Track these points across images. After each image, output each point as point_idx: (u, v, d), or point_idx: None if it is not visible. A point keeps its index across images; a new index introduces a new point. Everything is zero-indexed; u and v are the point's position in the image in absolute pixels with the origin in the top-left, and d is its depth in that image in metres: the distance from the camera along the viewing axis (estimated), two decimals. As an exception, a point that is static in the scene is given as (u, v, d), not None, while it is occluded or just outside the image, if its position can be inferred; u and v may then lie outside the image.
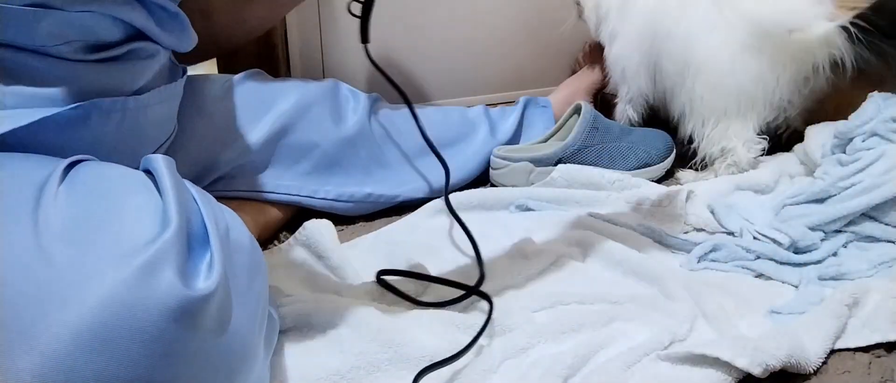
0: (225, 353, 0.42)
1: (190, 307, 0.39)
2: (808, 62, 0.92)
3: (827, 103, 0.99)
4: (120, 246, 0.40)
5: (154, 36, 0.62)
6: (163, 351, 0.38)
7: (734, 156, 0.95)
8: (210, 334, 0.41)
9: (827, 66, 0.90)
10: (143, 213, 0.43)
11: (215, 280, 0.42)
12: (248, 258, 0.48)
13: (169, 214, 0.43)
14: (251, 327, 0.45)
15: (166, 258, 0.40)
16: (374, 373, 0.56)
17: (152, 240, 0.41)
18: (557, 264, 0.75)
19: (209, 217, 0.46)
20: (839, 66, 0.89)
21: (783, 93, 0.94)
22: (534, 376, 0.56)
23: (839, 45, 0.89)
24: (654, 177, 1.00)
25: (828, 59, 0.90)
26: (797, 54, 0.92)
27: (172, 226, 0.42)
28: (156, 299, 0.39)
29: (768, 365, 0.54)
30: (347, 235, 0.84)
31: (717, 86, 0.93)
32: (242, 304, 0.45)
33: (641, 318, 0.64)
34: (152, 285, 0.39)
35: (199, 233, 0.45)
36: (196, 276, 0.42)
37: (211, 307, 0.41)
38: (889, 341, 0.60)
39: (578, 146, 0.96)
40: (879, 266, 0.71)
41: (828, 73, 0.91)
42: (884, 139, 0.83)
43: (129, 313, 0.38)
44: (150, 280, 0.39)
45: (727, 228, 0.81)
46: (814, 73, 0.92)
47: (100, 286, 0.38)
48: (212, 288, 0.41)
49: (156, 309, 0.38)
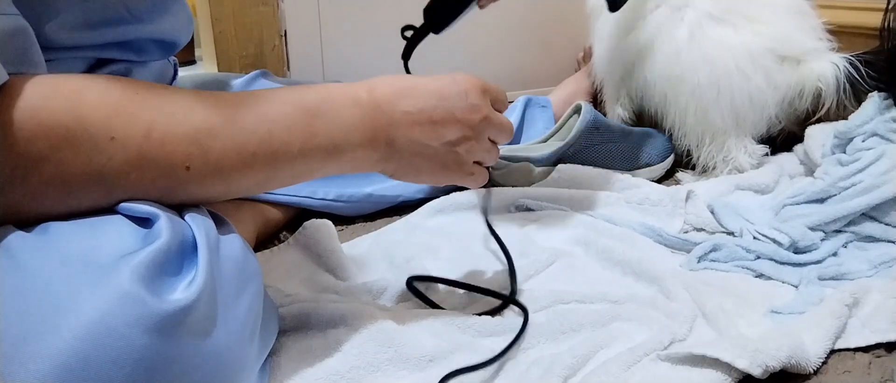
0: (212, 365, 0.41)
1: (169, 320, 0.38)
2: (796, 89, 0.96)
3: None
4: (95, 265, 0.38)
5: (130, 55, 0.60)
6: (147, 372, 0.37)
7: (735, 163, 0.95)
8: (191, 348, 0.39)
9: (811, 97, 0.96)
10: (120, 234, 0.42)
11: (195, 291, 0.40)
12: (238, 269, 0.46)
13: (156, 231, 0.42)
14: (240, 339, 0.44)
15: (138, 275, 0.38)
16: (374, 373, 0.56)
17: (126, 256, 0.39)
18: (557, 264, 0.75)
19: (200, 231, 0.44)
20: (821, 97, 0.95)
21: (773, 111, 0.97)
22: (533, 376, 0.56)
23: (828, 80, 0.94)
24: (654, 177, 1.00)
25: (814, 91, 0.95)
26: (786, 81, 0.95)
27: (161, 239, 0.41)
28: (135, 319, 0.37)
29: (769, 366, 0.54)
30: (347, 235, 0.84)
31: (709, 104, 0.94)
32: (231, 316, 0.43)
33: (641, 318, 0.64)
34: (125, 306, 0.37)
35: (190, 246, 0.43)
36: (172, 290, 0.40)
37: (190, 320, 0.39)
38: (889, 341, 0.60)
39: (578, 146, 0.96)
40: (879, 266, 0.71)
41: (811, 102, 0.96)
42: (884, 139, 0.83)
43: (109, 340, 0.36)
44: (122, 301, 0.37)
45: (727, 228, 0.81)
46: (799, 98, 0.96)
47: (78, 314, 0.36)
48: (190, 300, 0.39)
49: (136, 330, 0.37)
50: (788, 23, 0.96)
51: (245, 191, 0.50)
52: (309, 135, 0.50)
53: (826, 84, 0.94)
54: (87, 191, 0.43)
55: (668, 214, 0.85)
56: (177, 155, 0.45)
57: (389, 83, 0.55)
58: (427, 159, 0.55)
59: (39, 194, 0.42)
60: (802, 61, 0.95)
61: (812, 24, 0.97)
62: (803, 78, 0.95)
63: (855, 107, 0.92)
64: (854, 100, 0.92)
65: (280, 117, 0.49)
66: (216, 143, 0.46)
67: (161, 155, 0.44)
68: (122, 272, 0.38)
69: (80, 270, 0.38)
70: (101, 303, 0.37)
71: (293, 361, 0.57)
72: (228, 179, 0.47)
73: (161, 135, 0.44)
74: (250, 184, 0.49)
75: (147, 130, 0.44)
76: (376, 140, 0.53)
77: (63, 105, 0.42)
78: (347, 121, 0.52)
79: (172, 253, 0.42)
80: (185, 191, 0.47)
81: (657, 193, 0.87)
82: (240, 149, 0.47)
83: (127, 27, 0.59)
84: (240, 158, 0.48)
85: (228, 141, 0.47)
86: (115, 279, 0.38)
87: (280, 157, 0.49)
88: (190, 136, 0.45)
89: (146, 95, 0.45)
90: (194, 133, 0.45)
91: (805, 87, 0.95)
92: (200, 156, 0.46)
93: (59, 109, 0.41)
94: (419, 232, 0.84)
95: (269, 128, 0.49)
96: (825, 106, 0.95)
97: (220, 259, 0.45)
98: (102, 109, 0.42)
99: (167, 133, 0.44)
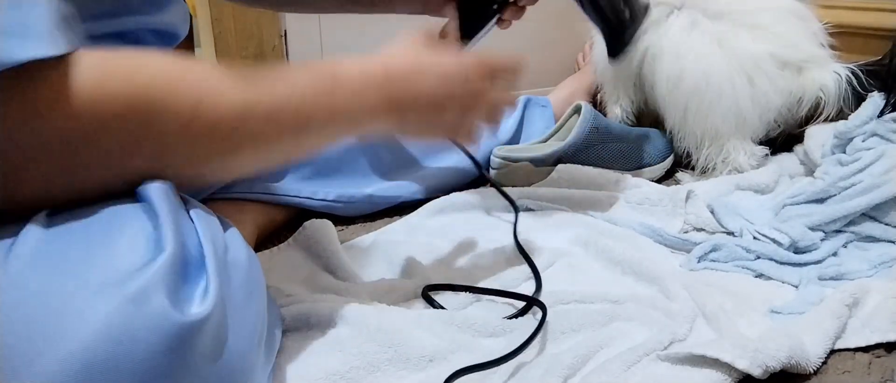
0: (223, 376, 0.41)
1: (184, 334, 0.38)
2: (796, 96, 0.96)
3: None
4: (109, 275, 0.39)
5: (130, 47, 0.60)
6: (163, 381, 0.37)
7: (735, 164, 0.96)
8: (206, 359, 0.40)
9: (811, 104, 0.97)
10: (134, 241, 0.42)
11: (210, 303, 0.40)
12: (245, 276, 0.46)
13: (163, 240, 0.42)
14: (250, 345, 0.44)
15: (158, 285, 0.39)
16: (374, 373, 0.56)
17: (143, 266, 0.40)
18: (557, 264, 0.75)
19: (206, 239, 0.44)
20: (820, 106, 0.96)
21: (773, 116, 0.97)
22: (534, 376, 0.56)
23: (829, 89, 0.95)
24: (654, 177, 1.00)
25: (815, 99, 0.96)
26: (787, 87, 0.96)
27: (166, 251, 0.41)
28: (149, 329, 0.37)
29: (769, 366, 0.54)
30: (347, 235, 0.84)
31: (711, 106, 0.94)
32: (240, 324, 0.43)
33: (641, 318, 0.64)
34: (144, 314, 0.37)
35: (196, 256, 0.43)
36: (190, 301, 0.40)
37: (206, 332, 0.39)
38: (889, 341, 0.60)
39: (578, 146, 0.96)
40: (879, 266, 0.71)
41: (810, 109, 0.98)
42: (884, 139, 0.83)
43: (122, 347, 0.36)
44: (141, 309, 0.37)
45: (727, 228, 0.81)
46: (798, 104, 0.97)
47: (90, 320, 0.36)
48: (207, 312, 0.40)
49: (150, 340, 0.37)
50: (790, 28, 0.96)
51: (275, 160, 0.55)
52: (333, 109, 0.55)
53: (827, 93, 0.95)
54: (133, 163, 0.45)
55: (668, 214, 0.85)
56: (222, 127, 0.48)
57: (401, 59, 0.60)
58: (429, 126, 0.63)
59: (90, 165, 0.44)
60: (804, 69, 0.95)
61: (813, 30, 0.98)
62: (804, 85, 0.95)
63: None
64: (855, 109, 0.93)
65: (307, 90, 0.53)
66: (256, 115, 0.49)
67: (207, 126, 0.47)
68: (141, 279, 0.39)
69: (98, 275, 0.38)
70: (121, 308, 0.37)
71: (293, 361, 0.57)
72: (261, 150, 0.51)
73: (210, 107, 0.47)
74: (279, 151, 0.54)
75: (196, 102, 0.46)
76: (389, 110, 0.58)
77: (124, 75, 0.44)
78: (367, 96, 0.57)
79: (180, 259, 0.42)
80: (223, 164, 0.50)
81: (657, 193, 0.87)
82: (276, 119, 0.51)
83: (126, 18, 0.60)
84: (276, 129, 0.51)
85: (265, 113, 0.50)
86: (134, 286, 0.38)
87: (309, 128, 0.54)
88: (235, 109, 0.48)
89: (193, 68, 0.48)
90: (241, 104, 0.48)
91: (805, 94, 0.96)
92: (241, 127, 0.49)
93: (121, 79, 0.43)
94: (419, 232, 0.84)
95: (301, 100, 0.53)
96: (823, 113, 0.96)
97: (228, 267, 0.45)
98: (159, 81, 0.45)
99: (216, 105, 0.47)
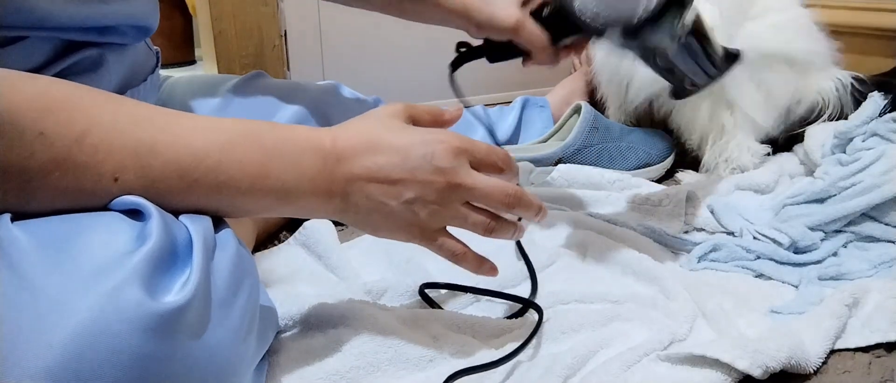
0: (207, 364, 0.41)
1: (160, 322, 0.38)
2: (796, 96, 0.98)
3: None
4: (87, 270, 0.38)
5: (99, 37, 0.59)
6: (142, 371, 0.37)
7: (738, 162, 0.96)
8: (187, 348, 0.40)
9: (807, 107, 0.99)
10: (113, 233, 0.41)
11: (189, 293, 0.40)
12: (232, 268, 0.46)
13: (149, 231, 0.42)
14: (236, 336, 0.44)
15: (133, 277, 0.38)
16: (374, 373, 0.56)
17: (121, 258, 0.39)
18: (557, 264, 0.75)
19: (196, 229, 0.44)
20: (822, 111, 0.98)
21: (773, 115, 0.98)
22: (533, 376, 0.56)
23: (827, 94, 0.97)
24: (654, 177, 1.00)
25: (811, 102, 0.98)
26: (793, 87, 0.97)
27: (150, 242, 0.41)
28: (124, 321, 0.37)
29: (769, 366, 0.54)
30: (347, 235, 0.84)
31: (717, 105, 0.95)
32: (226, 314, 0.43)
33: (641, 318, 0.64)
34: (119, 308, 0.37)
35: (184, 247, 0.43)
36: (168, 291, 0.40)
37: (185, 320, 0.39)
38: (889, 341, 0.60)
39: (578, 146, 0.96)
40: (879, 266, 0.71)
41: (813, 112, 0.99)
42: (884, 139, 0.83)
43: (102, 340, 0.36)
44: (116, 303, 0.37)
45: (727, 228, 0.81)
46: (797, 105, 0.99)
47: (70, 315, 0.36)
48: (184, 301, 0.39)
49: (126, 332, 0.37)
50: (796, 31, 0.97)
51: (179, 211, 0.47)
52: (261, 175, 0.49)
53: (826, 98, 0.97)
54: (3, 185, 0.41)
55: (668, 214, 0.85)
56: (108, 164, 0.43)
57: (355, 134, 0.53)
58: (384, 217, 0.53)
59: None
60: (808, 71, 0.96)
61: (818, 34, 0.99)
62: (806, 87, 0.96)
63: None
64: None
65: (234, 149, 0.48)
66: (156, 161, 0.45)
67: (91, 161, 0.43)
68: (118, 273, 0.38)
69: (75, 270, 0.38)
70: (97, 303, 0.37)
71: (293, 361, 0.57)
72: (161, 197, 0.45)
73: (96, 140, 0.43)
74: (186, 206, 0.47)
75: (81, 134, 0.43)
76: (331, 191, 0.52)
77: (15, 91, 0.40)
78: (304, 168, 0.50)
79: (166, 252, 0.42)
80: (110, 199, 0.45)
81: (657, 193, 0.87)
82: (182, 172, 0.46)
83: (96, 6, 0.59)
84: (180, 181, 0.46)
85: (171, 161, 0.45)
86: (111, 280, 0.38)
87: (224, 190, 0.48)
88: (128, 148, 0.44)
89: (92, 100, 0.44)
90: (134, 145, 0.44)
91: (804, 97, 0.97)
92: (136, 170, 0.44)
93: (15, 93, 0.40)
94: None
95: (219, 159, 0.47)
96: (821, 118, 0.99)
97: (215, 257, 0.45)
98: (37, 104, 0.41)
99: (103, 140, 0.43)
